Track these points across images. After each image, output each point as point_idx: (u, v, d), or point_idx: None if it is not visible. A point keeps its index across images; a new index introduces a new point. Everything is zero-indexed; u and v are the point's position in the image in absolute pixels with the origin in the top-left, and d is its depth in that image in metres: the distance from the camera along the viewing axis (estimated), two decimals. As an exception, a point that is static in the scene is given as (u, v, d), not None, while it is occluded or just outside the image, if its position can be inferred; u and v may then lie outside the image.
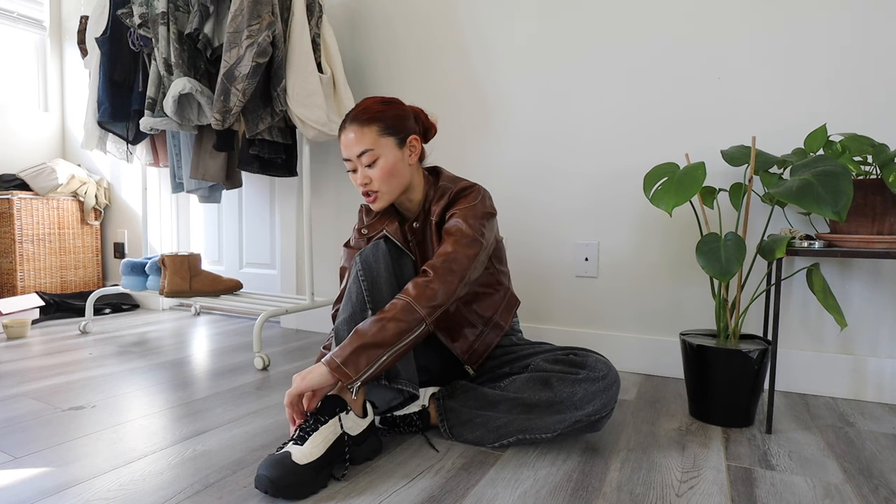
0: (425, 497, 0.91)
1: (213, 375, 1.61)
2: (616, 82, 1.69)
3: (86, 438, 1.14)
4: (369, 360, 0.97)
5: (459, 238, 1.09)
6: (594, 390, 1.05)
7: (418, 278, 1.05)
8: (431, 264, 1.06)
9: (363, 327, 0.99)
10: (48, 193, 2.73)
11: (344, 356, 0.96)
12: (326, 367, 0.96)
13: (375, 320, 1.00)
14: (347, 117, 1.14)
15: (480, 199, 1.15)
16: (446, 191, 1.17)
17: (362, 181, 1.13)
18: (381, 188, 1.13)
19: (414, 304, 1.01)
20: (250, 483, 0.95)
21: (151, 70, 1.84)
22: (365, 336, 0.98)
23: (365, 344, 0.97)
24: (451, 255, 1.07)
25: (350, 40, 2.18)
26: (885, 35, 1.39)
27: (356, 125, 1.12)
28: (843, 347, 1.47)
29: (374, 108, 1.13)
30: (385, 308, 1.02)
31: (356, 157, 1.12)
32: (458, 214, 1.12)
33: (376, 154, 1.11)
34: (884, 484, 0.97)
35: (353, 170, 1.14)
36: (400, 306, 1.01)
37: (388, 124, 1.13)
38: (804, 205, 1.05)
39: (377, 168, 1.11)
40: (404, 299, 1.02)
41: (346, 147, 1.13)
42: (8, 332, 2.07)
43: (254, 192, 2.52)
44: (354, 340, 0.98)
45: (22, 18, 2.96)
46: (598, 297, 1.74)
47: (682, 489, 0.95)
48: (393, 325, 0.99)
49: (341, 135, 1.14)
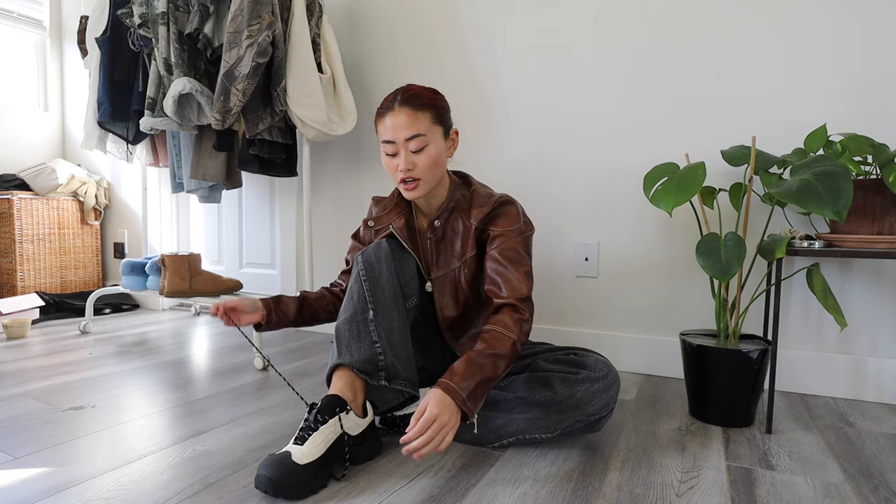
0: (425, 497, 0.91)
1: (212, 375, 1.61)
2: (616, 82, 1.69)
3: (86, 438, 1.14)
4: (483, 393, 0.98)
5: (526, 269, 1.10)
6: (594, 390, 1.05)
7: (513, 312, 1.05)
8: (518, 299, 1.06)
9: (480, 361, 0.98)
10: (48, 193, 2.73)
11: (468, 391, 0.94)
12: (452, 400, 0.93)
13: (489, 355, 0.99)
14: (395, 100, 1.08)
15: (522, 218, 1.14)
16: (485, 198, 1.15)
17: (406, 166, 1.07)
18: (423, 176, 1.09)
19: (517, 343, 1.03)
20: (250, 483, 0.95)
21: (151, 70, 1.84)
22: (483, 370, 0.97)
23: (484, 379, 0.97)
24: (528, 292, 1.08)
25: (350, 40, 2.18)
26: (886, 35, 1.39)
27: (409, 108, 1.07)
28: (843, 347, 1.47)
29: (426, 94, 1.09)
30: (496, 341, 1.01)
31: (404, 140, 1.07)
32: (514, 240, 1.11)
33: (427, 140, 1.07)
34: (884, 484, 0.97)
35: (394, 153, 1.09)
36: (509, 345, 1.01)
37: (440, 113, 1.10)
38: (804, 205, 1.05)
39: (424, 155, 1.08)
40: (510, 336, 1.02)
41: (394, 129, 1.07)
42: (8, 332, 2.07)
43: (254, 192, 2.52)
44: (476, 374, 0.96)
45: (22, 18, 2.96)
46: (598, 297, 1.74)
47: (682, 489, 0.95)
48: (503, 362, 1.00)
49: (386, 116, 1.08)
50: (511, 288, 1.07)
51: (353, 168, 2.20)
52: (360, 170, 2.19)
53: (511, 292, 1.07)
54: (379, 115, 1.10)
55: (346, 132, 1.95)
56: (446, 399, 0.92)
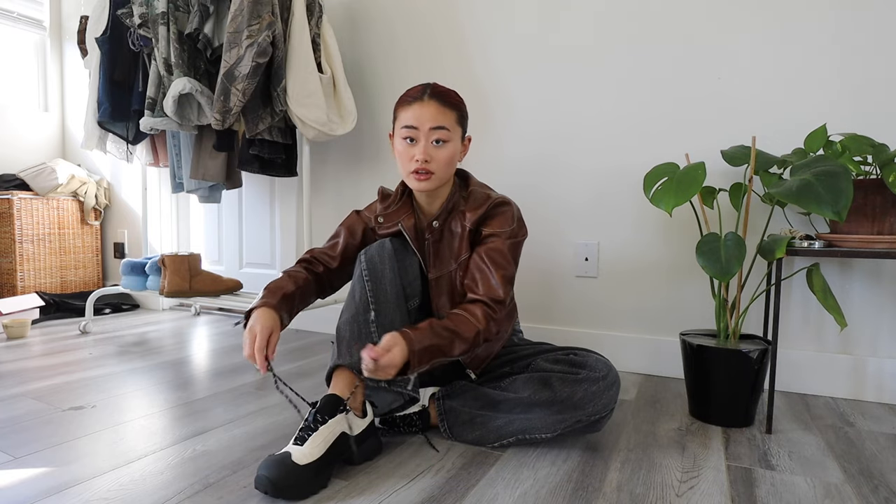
0: (425, 497, 0.91)
1: (213, 375, 1.61)
2: (615, 81, 1.69)
3: (86, 438, 1.14)
4: (429, 360, 0.98)
5: (505, 274, 1.09)
6: (594, 390, 1.05)
7: (486, 309, 1.06)
8: (492, 299, 1.06)
9: (440, 331, 1.00)
10: (48, 193, 2.73)
11: (420, 346, 0.96)
12: (407, 347, 0.95)
13: (451, 330, 1.01)
14: (425, 92, 1.10)
15: (516, 221, 1.14)
16: (481, 199, 1.15)
17: (424, 156, 1.07)
18: (437, 170, 1.09)
19: (480, 335, 1.04)
20: (250, 483, 0.95)
21: (151, 70, 1.84)
22: (439, 340, 0.99)
23: (437, 347, 0.98)
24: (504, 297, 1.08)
25: (350, 40, 2.18)
26: (886, 35, 1.39)
27: (439, 102, 1.09)
28: (843, 347, 1.47)
29: (454, 96, 1.13)
30: (461, 323, 1.03)
31: (428, 129, 1.07)
32: (502, 242, 1.11)
33: (450, 136, 1.09)
34: (884, 484, 0.97)
35: (413, 139, 1.09)
36: (473, 332, 1.03)
37: (462, 116, 1.14)
38: (804, 205, 1.05)
39: (444, 150, 1.09)
40: (476, 325, 1.03)
41: (419, 117, 1.07)
42: (8, 332, 2.07)
43: (254, 192, 2.51)
44: (433, 338, 0.98)
45: (22, 18, 2.96)
46: (598, 297, 1.74)
47: (682, 489, 0.95)
48: (461, 345, 1.01)
49: (414, 104, 1.09)
50: (487, 287, 1.08)
51: (353, 168, 2.20)
52: (360, 170, 2.19)
53: (486, 291, 1.07)
54: (404, 104, 1.11)
55: (346, 132, 1.95)
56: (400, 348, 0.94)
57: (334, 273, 1.21)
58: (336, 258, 1.20)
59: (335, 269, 1.20)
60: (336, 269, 1.20)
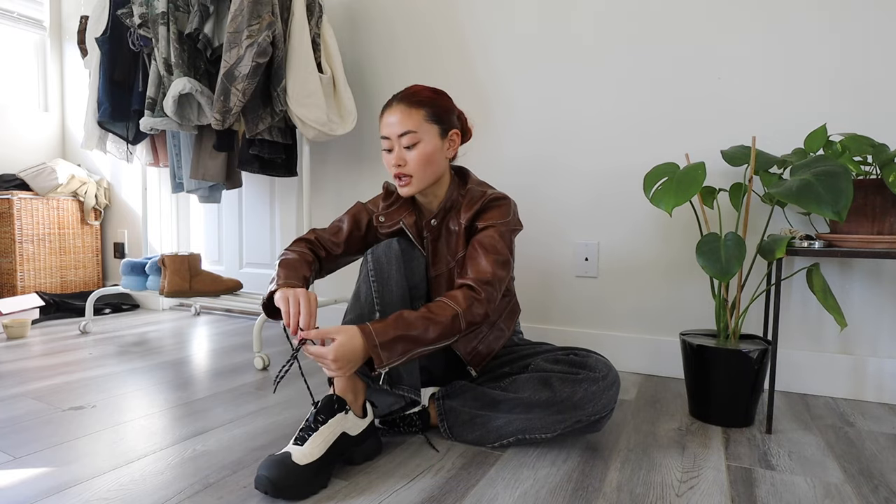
0: (425, 497, 0.91)
1: (213, 375, 1.61)
2: (615, 81, 1.69)
3: (86, 438, 1.14)
4: (404, 352, 0.96)
5: (497, 258, 1.07)
6: (594, 390, 1.05)
7: (468, 291, 1.03)
8: (478, 280, 1.04)
9: (409, 318, 0.97)
10: (48, 193, 2.73)
11: (385, 339, 0.94)
12: (362, 342, 0.94)
13: (423, 317, 0.98)
14: (395, 97, 1.13)
15: (512, 214, 1.14)
16: (477, 196, 1.14)
17: (397, 162, 1.10)
18: (415, 173, 1.10)
19: (461, 318, 1.00)
20: (250, 483, 0.95)
21: (151, 70, 1.84)
22: (409, 327, 0.96)
23: (407, 336, 0.96)
24: (492, 278, 1.06)
25: (350, 40, 2.18)
26: (886, 35, 1.39)
27: (403, 105, 1.10)
28: (843, 347, 1.47)
29: (424, 93, 1.12)
30: (435, 307, 1.00)
31: (397, 136, 1.10)
32: (494, 230, 1.10)
33: (418, 137, 1.09)
34: (884, 484, 0.97)
35: (390, 149, 1.12)
36: (450, 315, 0.99)
37: (436, 112, 1.12)
38: (804, 205, 1.05)
39: (416, 152, 1.09)
40: (454, 308, 1.00)
41: (388, 125, 1.11)
42: (8, 332, 2.07)
43: (254, 192, 2.51)
44: (398, 327, 0.96)
45: (22, 18, 2.96)
46: (598, 297, 1.74)
47: (682, 489, 0.95)
48: (436, 329, 0.98)
49: (385, 113, 1.12)
50: (476, 270, 1.06)
51: (353, 168, 2.20)
52: (360, 170, 2.19)
53: (475, 274, 1.06)
54: (382, 113, 1.14)
55: (346, 132, 1.95)
56: (356, 340, 0.93)
57: (332, 260, 1.21)
58: (340, 245, 1.20)
59: (336, 256, 1.21)
60: (336, 257, 1.21)
